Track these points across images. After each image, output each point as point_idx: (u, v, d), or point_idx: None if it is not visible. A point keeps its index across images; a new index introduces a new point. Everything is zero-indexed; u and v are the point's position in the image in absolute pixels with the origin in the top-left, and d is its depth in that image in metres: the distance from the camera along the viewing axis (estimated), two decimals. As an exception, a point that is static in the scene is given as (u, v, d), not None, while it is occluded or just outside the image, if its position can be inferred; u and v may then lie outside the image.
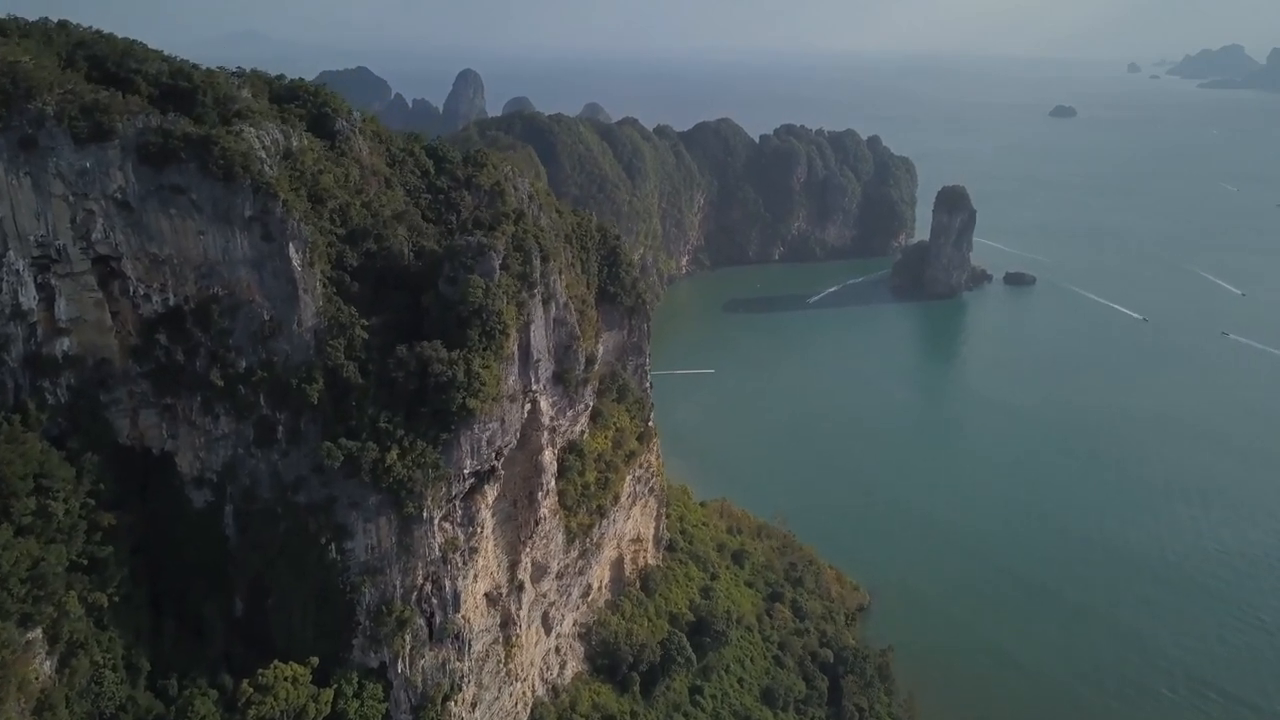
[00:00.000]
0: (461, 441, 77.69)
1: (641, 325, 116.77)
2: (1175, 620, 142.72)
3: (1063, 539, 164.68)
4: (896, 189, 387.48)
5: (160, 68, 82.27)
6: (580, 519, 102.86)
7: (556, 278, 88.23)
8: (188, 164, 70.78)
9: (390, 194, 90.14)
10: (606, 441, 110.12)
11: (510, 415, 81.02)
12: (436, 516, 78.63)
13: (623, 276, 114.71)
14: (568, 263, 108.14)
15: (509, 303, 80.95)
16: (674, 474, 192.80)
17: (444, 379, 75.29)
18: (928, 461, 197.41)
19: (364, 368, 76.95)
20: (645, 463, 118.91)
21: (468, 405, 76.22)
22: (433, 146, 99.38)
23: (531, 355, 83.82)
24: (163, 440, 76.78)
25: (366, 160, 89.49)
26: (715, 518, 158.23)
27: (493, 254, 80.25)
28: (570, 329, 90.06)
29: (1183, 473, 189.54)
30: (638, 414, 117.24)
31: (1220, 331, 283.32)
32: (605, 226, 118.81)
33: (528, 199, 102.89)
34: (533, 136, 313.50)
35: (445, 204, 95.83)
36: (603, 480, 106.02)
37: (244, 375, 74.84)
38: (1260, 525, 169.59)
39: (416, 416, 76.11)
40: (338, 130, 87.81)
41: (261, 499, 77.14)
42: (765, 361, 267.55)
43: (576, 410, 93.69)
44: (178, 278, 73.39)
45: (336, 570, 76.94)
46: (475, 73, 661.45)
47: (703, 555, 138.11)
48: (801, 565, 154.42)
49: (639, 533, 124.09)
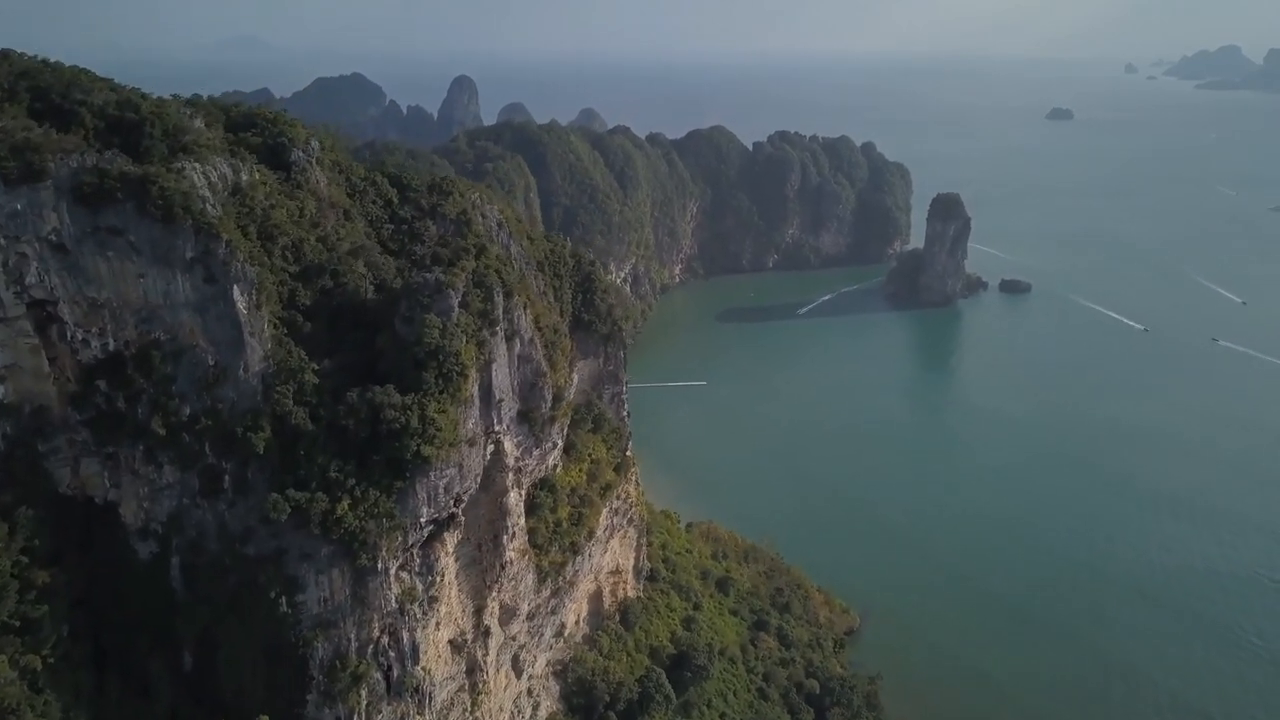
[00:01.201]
0: (417, 490, 74.42)
1: (618, 353, 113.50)
2: (1165, 646, 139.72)
3: (1053, 559, 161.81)
4: (891, 195, 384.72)
5: (107, 98, 79.07)
6: (552, 557, 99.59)
7: (521, 313, 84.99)
8: (125, 204, 67.52)
9: (350, 226, 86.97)
10: (581, 475, 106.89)
11: (469, 460, 77.74)
12: (392, 567, 75.37)
13: (598, 303, 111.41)
14: (539, 291, 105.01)
15: (468, 342, 77.68)
16: (661, 493, 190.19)
17: (397, 426, 72.05)
18: (920, 478, 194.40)
19: (315, 413, 73.69)
20: (623, 493, 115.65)
21: (422, 453, 72.95)
22: (396, 175, 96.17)
23: (494, 395, 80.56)
24: (105, 490, 73.45)
25: (324, 192, 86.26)
26: (700, 542, 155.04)
27: (451, 292, 76.99)
28: (536, 366, 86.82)
29: (1175, 488, 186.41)
30: (615, 444, 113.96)
31: (1210, 337, 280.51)
32: (580, 252, 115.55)
33: (496, 227, 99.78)
34: (522, 146, 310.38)
35: (409, 234, 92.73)
36: (576, 516, 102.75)
37: (188, 423, 71.53)
38: (1252, 544, 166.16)
39: (369, 465, 72.82)
40: (293, 161, 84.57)
41: (209, 550, 73.86)
42: (757, 373, 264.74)
43: (544, 449, 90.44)
44: (117, 322, 70.12)
45: (288, 624, 73.62)
46: (470, 79, 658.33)
47: (685, 584, 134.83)
48: (789, 590, 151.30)
49: (618, 564, 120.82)
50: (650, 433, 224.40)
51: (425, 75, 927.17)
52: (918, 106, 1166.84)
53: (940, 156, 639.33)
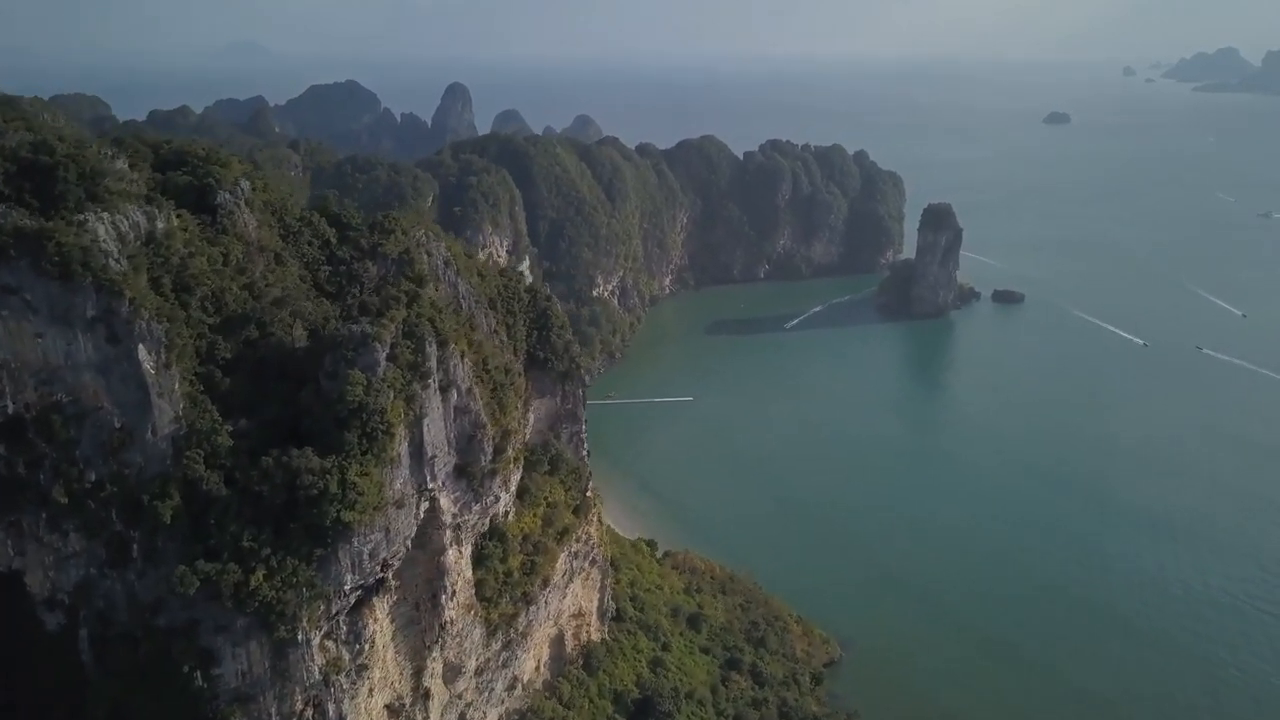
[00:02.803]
0: (340, 556, 70.42)
1: (576, 391, 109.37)
2: (1156, 685, 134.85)
3: (1043, 589, 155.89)
4: (884, 204, 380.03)
5: (21, 139, 75.36)
6: (503, 609, 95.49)
7: (458, 362, 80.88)
8: (19, 261, 63.73)
9: (281, 271, 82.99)
10: (535, 520, 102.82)
11: (398, 523, 73.71)
12: (315, 637, 71.35)
13: (554, 340, 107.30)
14: (490, 329, 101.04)
15: (396, 398, 73.66)
16: (641, 518, 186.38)
17: (315, 491, 68.03)
18: (906, 500, 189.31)
19: (231, 476, 69.72)
20: (584, 535, 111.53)
21: (343, 518, 68.95)
22: (336, 213, 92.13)
23: (425, 452, 76.52)
24: (9, 558, 69.64)
25: (253, 235, 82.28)
26: (674, 575, 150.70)
27: (377, 345, 72.99)
28: (474, 417, 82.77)
29: (1170, 512, 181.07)
30: (574, 485, 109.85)
31: (1194, 346, 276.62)
32: (536, 288, 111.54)
33: (443, 265, 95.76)
34: (508, 159, 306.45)
35: (347, 276, 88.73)
36: (529, 565, 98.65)
37: (92, 489, 67.64)
38: (1248, 574, 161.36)
39: (286, 532, 68.82)
40: (219, 204, 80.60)
41: (118, 622, 69.96)
42: (745, 388, 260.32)
43: (486, 503, 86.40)
44: (16, 384, 66.21)
45: (204, 698, 69.68)
46: (464, 86, 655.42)
47: (653, 623, 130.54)
48: (765, 623, 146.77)
49: (580, 607, 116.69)
50: (634, 452, 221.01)
51: (424, 81, 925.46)
52: (913, 110, 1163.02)
53: (936, 162, 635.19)
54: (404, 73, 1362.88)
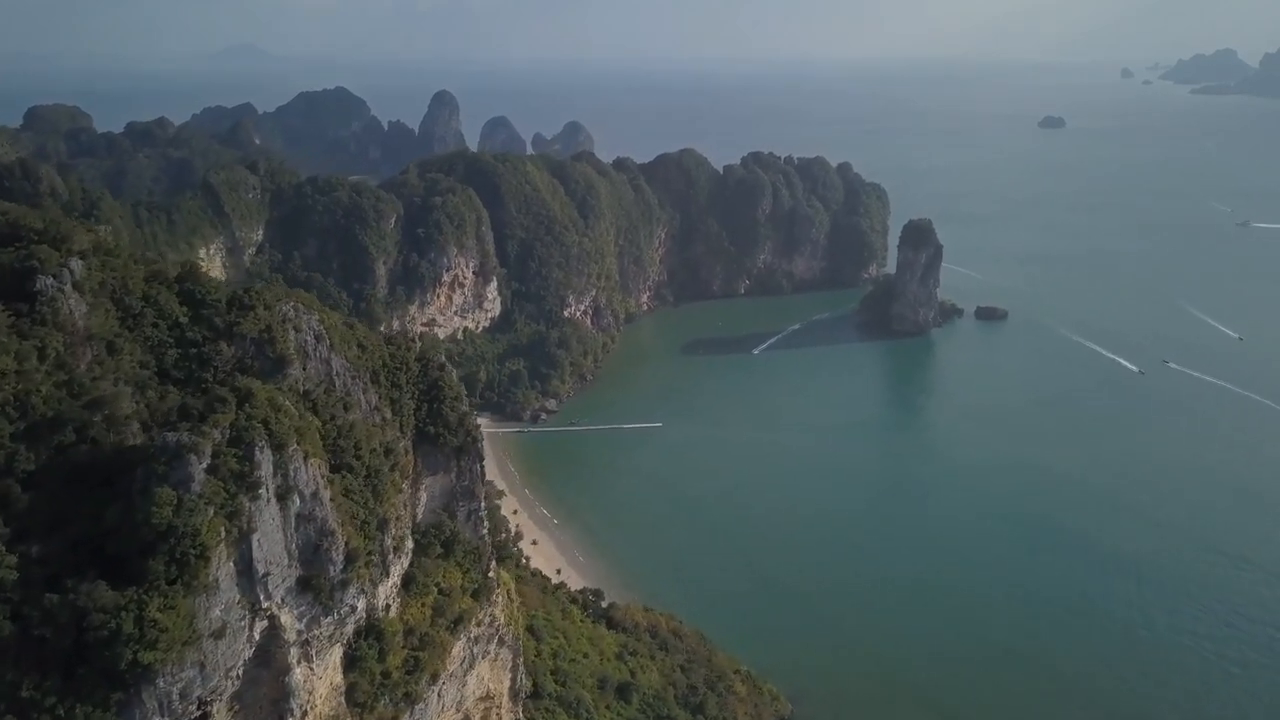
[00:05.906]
0: (144, 700, 62.70)
1: (473, 466, 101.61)
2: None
3: (1006, 654, 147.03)
4: (867, 218, 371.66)
5: None
6: (380, 713, 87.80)
7: (299, 465, 73.13)
8: None
9: (112, 361, 75.39)
10: (424, 611, 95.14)
11: (216, 656, 66.02)
12: (123, 787, 63.79)
13: (446, 414, 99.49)
14: (372, 406, 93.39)
15: (217, 515, 65.98)
16: (590, 565, 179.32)
17: (105, 634, 60.44)
18: (871, 547, 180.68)
19: (18, 611, 62.16)
20: (486, 618, 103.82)
21: (141, 660, 61.31)
22: (190, 289, 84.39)
23: (256, 570, 68.78)
24: None
25: (79, 324, 74.69)
26: (608, 636, 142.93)
27: (192, 458, 65.26)
28: (320, 524, 75.11)
29: (1152, 554, 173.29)
30: (473, 566, 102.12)
31: (1161, 359, 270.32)
32: (428, 355, 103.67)
33: (313, 340, 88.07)
34: (476, 178, 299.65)
35: (198, 361, 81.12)
36: (412, 661, 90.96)
37: None
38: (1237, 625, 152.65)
39: (75, 678, 61.29)
40: (38, 290, 73.02)
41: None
42: (716, 413, 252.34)
43: (340, 614, 78.85)
44: None
45: None
46: (450, 94, 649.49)
47: (575, 698, 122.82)
48: (706, 686, 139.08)
49: (489, 689, 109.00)
50: (591, 488, 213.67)
51: (420, 86, 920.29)
52: (909, 115, 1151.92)
53: (926, 168, 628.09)
54: (400, 76, 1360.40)
